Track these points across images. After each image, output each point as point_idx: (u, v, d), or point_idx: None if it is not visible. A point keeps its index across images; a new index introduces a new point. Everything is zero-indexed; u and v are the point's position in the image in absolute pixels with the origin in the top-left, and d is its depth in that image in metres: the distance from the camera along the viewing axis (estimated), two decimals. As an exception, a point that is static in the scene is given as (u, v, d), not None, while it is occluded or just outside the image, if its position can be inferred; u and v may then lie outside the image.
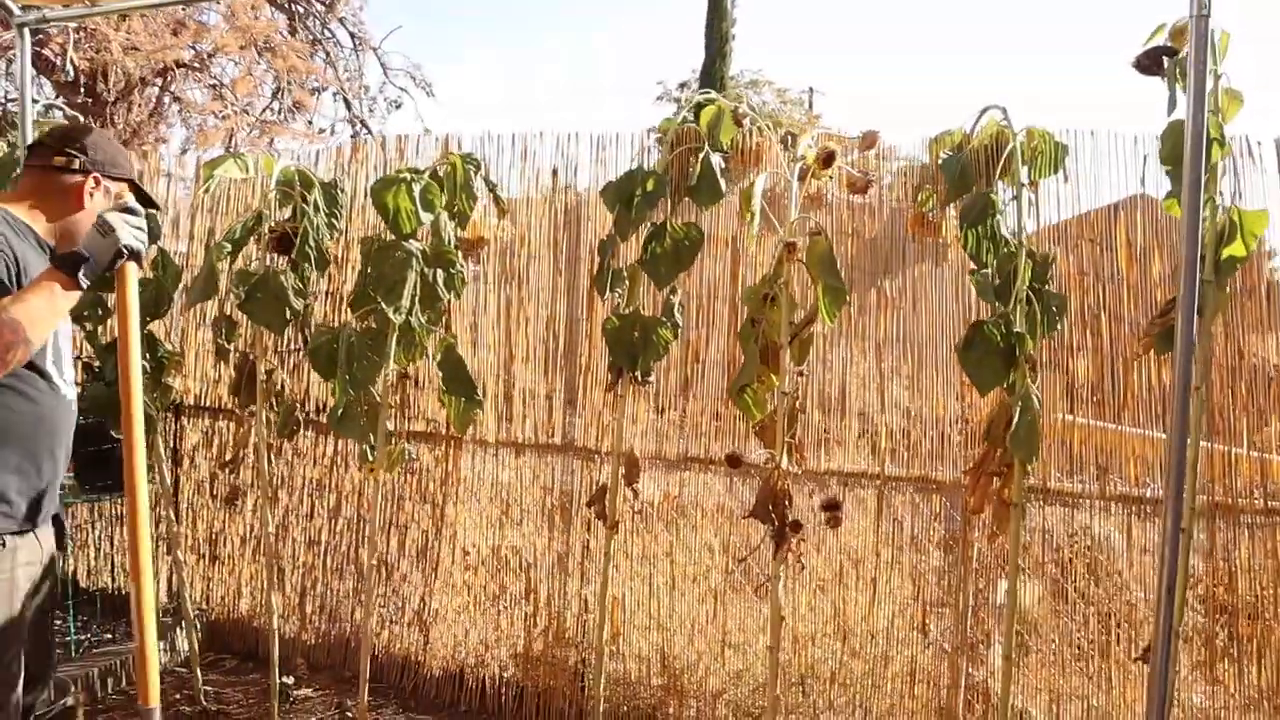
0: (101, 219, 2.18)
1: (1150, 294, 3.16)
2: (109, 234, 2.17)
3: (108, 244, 2.18)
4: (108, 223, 2.18)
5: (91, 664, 4.12)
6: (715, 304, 3.65)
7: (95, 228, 2.18)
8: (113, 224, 2.18)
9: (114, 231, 2.17)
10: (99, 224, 2.18)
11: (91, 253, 2.15)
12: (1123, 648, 3.20)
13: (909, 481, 3.42)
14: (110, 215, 2.19)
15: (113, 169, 2.40)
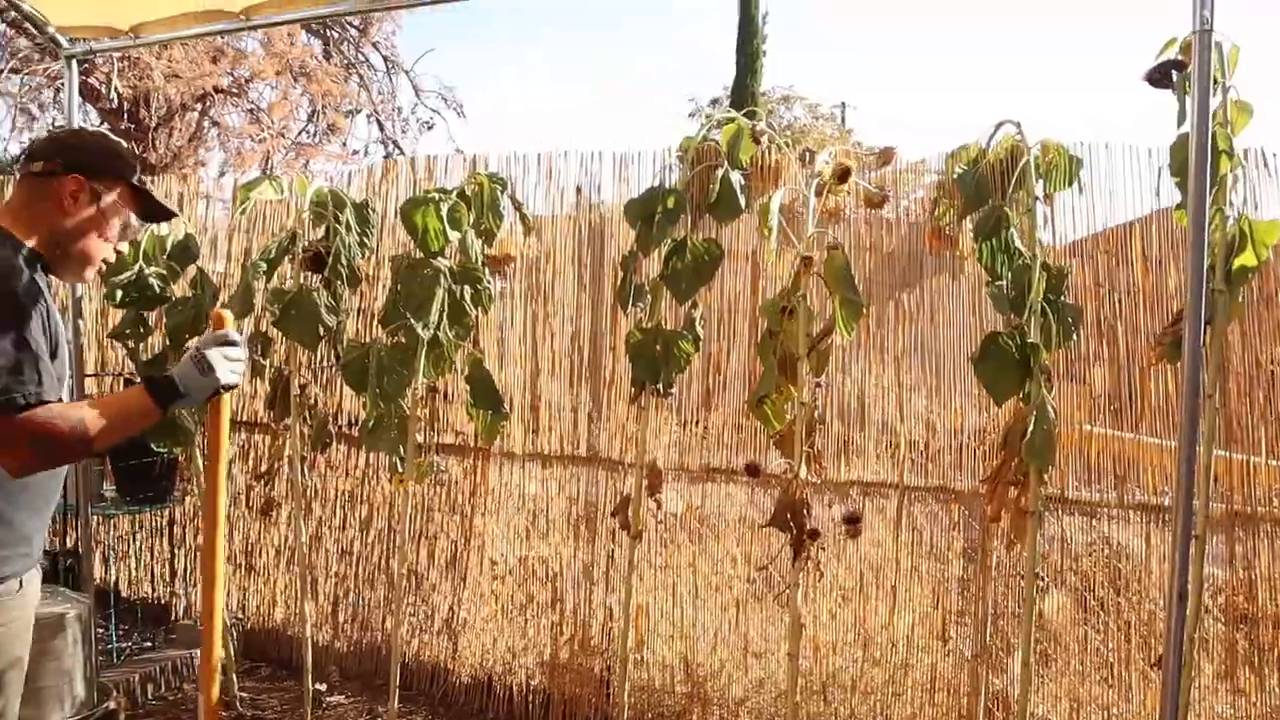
0: (201, 356, 2.09)
1: (1166, 304, 3.19)
2: (208, 373, 2.09)
3: (206, 383, 2.09)
4: (208, 361, 2.09)
5: (132, 670, 4.24)
6: (735, 318, 3.71)
7: (194, 363, 2.09)
8: (212, 363, 2.09)
9: (213, 371, 2.09)
10: (198, 360, 2.09)
11: (188, 390, 2.07)
12: (1143, 656, 3.22)
13: (928, 491, 3.47)
14: (210, 352, 2.10)
15: (99, 169, 2.18)
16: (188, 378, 2.07)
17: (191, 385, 2.07)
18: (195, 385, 2.08)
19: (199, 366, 2.09)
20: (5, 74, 10.90)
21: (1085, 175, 3.05)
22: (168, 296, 3.86)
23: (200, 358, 2.09)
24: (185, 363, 2.09)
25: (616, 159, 3.84)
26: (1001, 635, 3.37)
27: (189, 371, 2.08)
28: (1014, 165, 2.94)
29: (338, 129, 13.04)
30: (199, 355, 2.09)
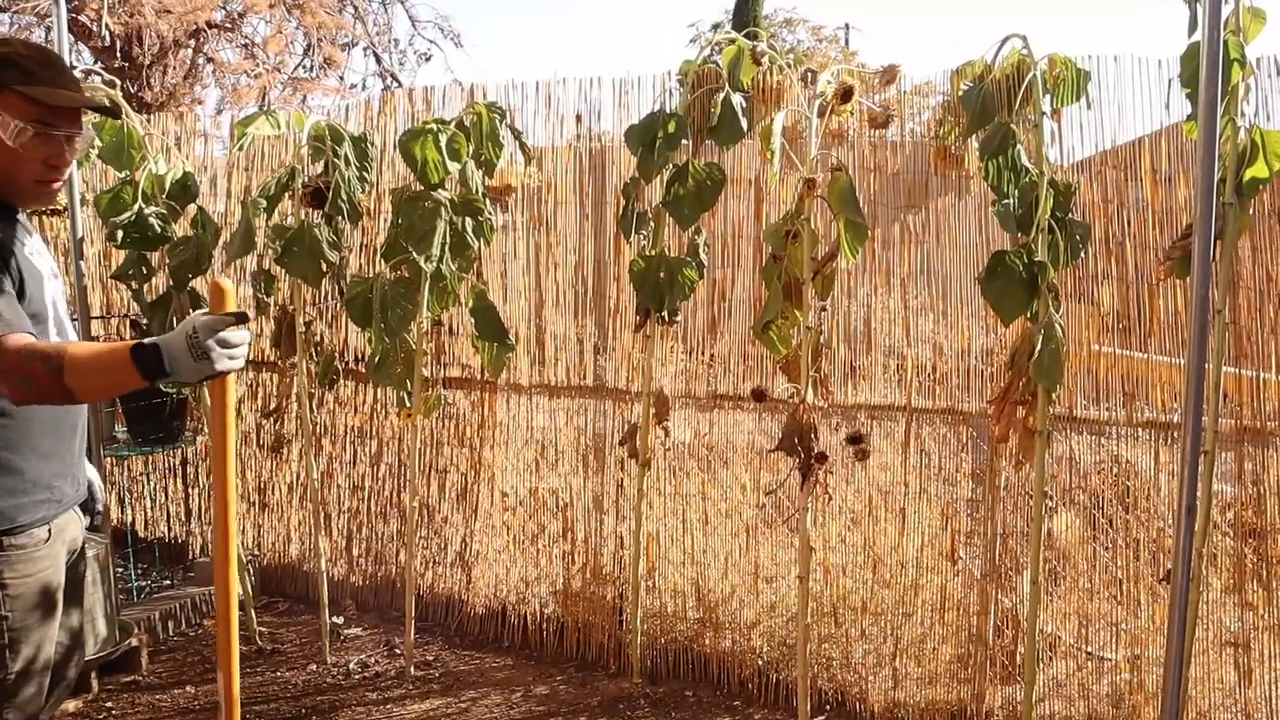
0: (198, 343, 1.90)
1: (1176, 220, 3.15)
2: (201, 360, 1.90)
3: (198, 369, 1.92)
4: (204, 350, 1.90)
5: (153, 608, 4.30)
6: (740, 243, 3.68)
7: (188, 346, 1.90)
8: (209, 351, 1.90)
9: (207, 359, 1.90)
10: (193, 345, 1.90)
11: (176, 371, 1.91)
12: (1152, 572, 3.23)
13: (936, 413, 3.46)
14: (210, 343, 1.90)
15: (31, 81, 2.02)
16: (178, 359, 1.90)
17: (182, 368, 1.91)
18: (186, 369, 1.91)
19: (193, 351, 1.90)
20: (-7, 12, 10.76)
21: (1093, 89, 3.00)
22: (169, 236, 3.82)
23: (195, 342, 1.90)
24: (179, 342, 1.90)
25: (616, 84, 3.78)
26: (1010, 555, 3.39)
27: (180, 354, 1.90)
28: (1020, 80, 2.89)
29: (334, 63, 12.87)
30: (195, 340, 1.90)
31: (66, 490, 2.22)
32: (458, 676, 3.88)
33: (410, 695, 3.74)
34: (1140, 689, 3.19)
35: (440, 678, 3.88)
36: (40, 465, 2.13)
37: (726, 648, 3.75)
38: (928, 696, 3.40)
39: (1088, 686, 3.28)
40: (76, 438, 2.27)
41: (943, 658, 3.45)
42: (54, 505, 2.17)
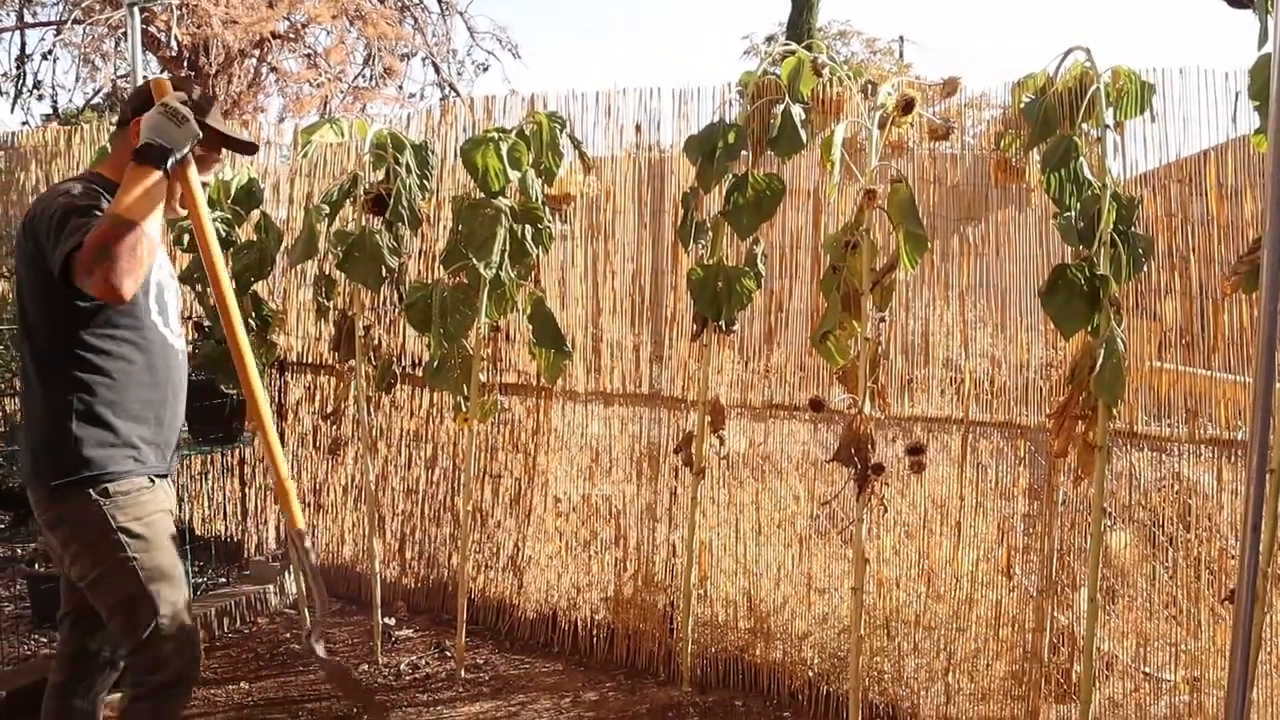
0: (170, 108, 2.22)
1: (1241, 235, 3.10)
2: (184, 123, 2.22)
3: (185, 132, 2.23)
4: (178, 111, 2.22)
5: (208, 605, 4.37)
6: (798, 254, 3.68)
7: (166, 117, 2.21)
8: (179, 112, 2.23)
9: (188, 121, 2.23)
10: (168, 112, 2.21)
11: (172, 142, 2.21)
12: (1213, 592, 3.18)
13: (994, 426, 3.43)
14: (176, 106, 2.23)
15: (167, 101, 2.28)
16: (165, 131, 2.20)
17: (176, 136, 2.20)
18: (177, 135, 2.21)
19: (172, 118, 2.21)
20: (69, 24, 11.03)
21: (1158, 102, 2.97)
22: (233, 241, 3.92)
23: (170, 109, 2.21)
24: (156, 123, 2.20)
25: (676, 95, 3.81)
26: (1068, 571, 3.34)
27: (162, 123, 2.20)
28: (1083, 93, 2.87)
29: (394, 72, 13.04)
30: (168, 108, 2.21)
31: (150, 457, 2.39)
32: (507, 680, 3.91)
33: (460, 697, 3.77)
34: (1199, 711, 3.13)
35: (490, 681, 3.91)
36: (129, 426, 2.34)
37: (777, 658, 3.74)
38: (980, 713, 3.36)
39: (1145, 708, 3.23)
40: (167, 412, 2.45)
41: (996, 674, 3.41)
42: (140, 465, 2.36)
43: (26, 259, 2.28)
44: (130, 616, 2.31)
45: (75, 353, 2.28)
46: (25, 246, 2.27)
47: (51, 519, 2.33)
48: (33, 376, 2.32)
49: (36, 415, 2.33)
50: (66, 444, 2.27)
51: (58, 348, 2.28)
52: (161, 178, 2.20)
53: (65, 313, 2.26)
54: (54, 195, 2.26)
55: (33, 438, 2.34)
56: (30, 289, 2.30)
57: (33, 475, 2.33)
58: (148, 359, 2.38)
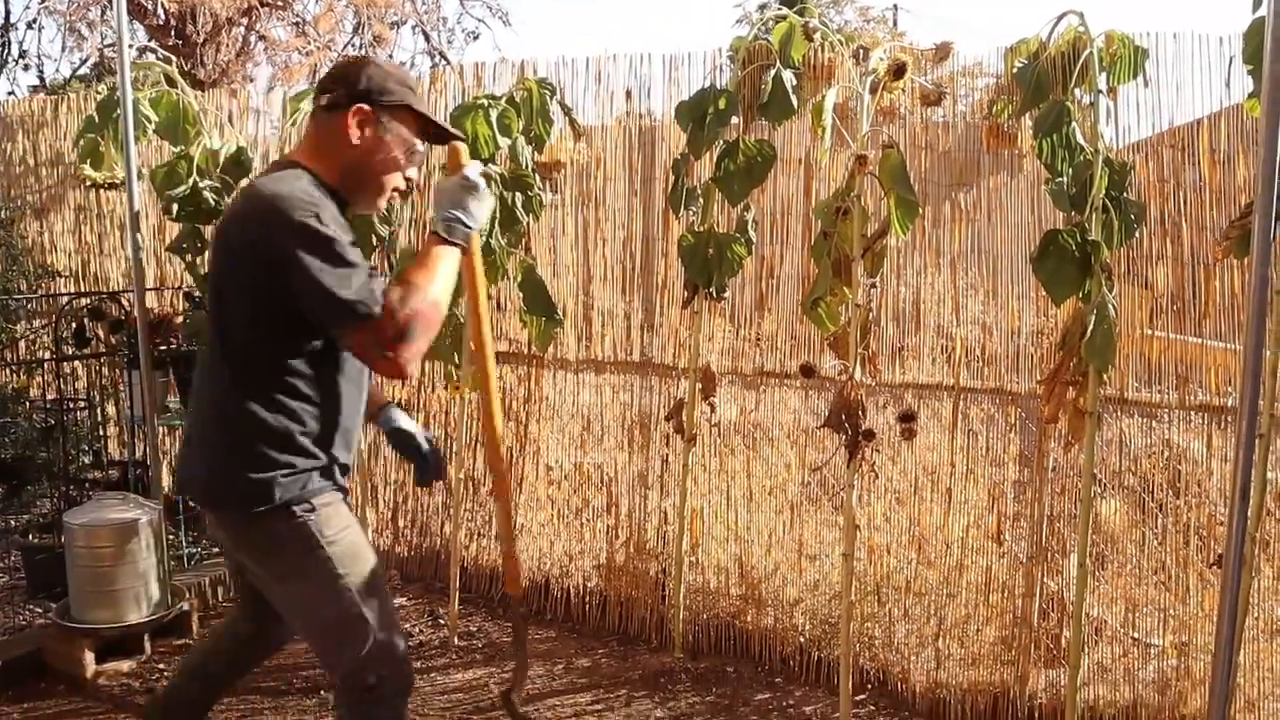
0: (470, 180, 2.12)
1: (1233, 201, 3.09)
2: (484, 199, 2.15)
3: (481, 204, 2.14)
4: (476, 184, 2.12)
5: (203, 574, 4.37)
6: (789, 221, 3.67)
7: (464, 190, 2.11)
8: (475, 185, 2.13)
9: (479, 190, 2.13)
10: (467, 185, 2.12)
11: (475, 220, 2.12)
12: (1202, 558, 3.19)
13: (984, 393, 3.44)
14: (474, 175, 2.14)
15: (382, 96, 2.13)
16: (468, 208, 2.10)
17: (476, 211, 2.12)
18: (478, 209, 2.13)
19: (471, 193, 2.11)
20: (54, -8, 10.94)
21: (1151, 67, 2.94)
22: (222, 210, 3.89)
23: (469, 182, 2.11)
24: (458, 195, 2.10)
25: (666, 61, 3.78)
26: (1058, 537, 3.36)
27: (466, 201, 2.10)
28: (1076, 58, 2.84)
29: (383, 40, 12.93)
30: (467, 181, 2.11)
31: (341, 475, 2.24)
32: (500, 648, 3.93)
33: (453, 665, 3.79)
34: (1187, 675, 3.16)
35: (483, 648, 3.93)
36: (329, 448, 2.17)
37: (769, 625, 3.76)
38: (970, 678, 3.39)
39: (1133, 672, 3.25)
40: (357, 430, 2.31)
41: (986, 639, 3.43)
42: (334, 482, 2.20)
43: (240, 280, 2.05)
44: (343, 636, 2.16)
45: (286, 379, 2.09)
46: (240, 265, 2.05)
47: (248, 542, 2.19)
48: (228, 396, 2.12)
49: (232, 435, 2.12)
50: (269, 467, 2.09)
51: (267, 372, 2.09)
52: (458, 253, 2.10)
53: (287, 343, 2.08)
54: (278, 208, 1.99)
55: (224, 458, 2.13)
56: (243, 311, 2.07)
57: (224, 497, 2.16)
58: (350, 382, 2.21)
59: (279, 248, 1.95)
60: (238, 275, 2.05)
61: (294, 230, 1.94)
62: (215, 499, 2.20)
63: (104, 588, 3.68)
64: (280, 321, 2.03)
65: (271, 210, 1.98)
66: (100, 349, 4.83)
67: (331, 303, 1.92)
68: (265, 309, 2.03)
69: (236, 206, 2.14)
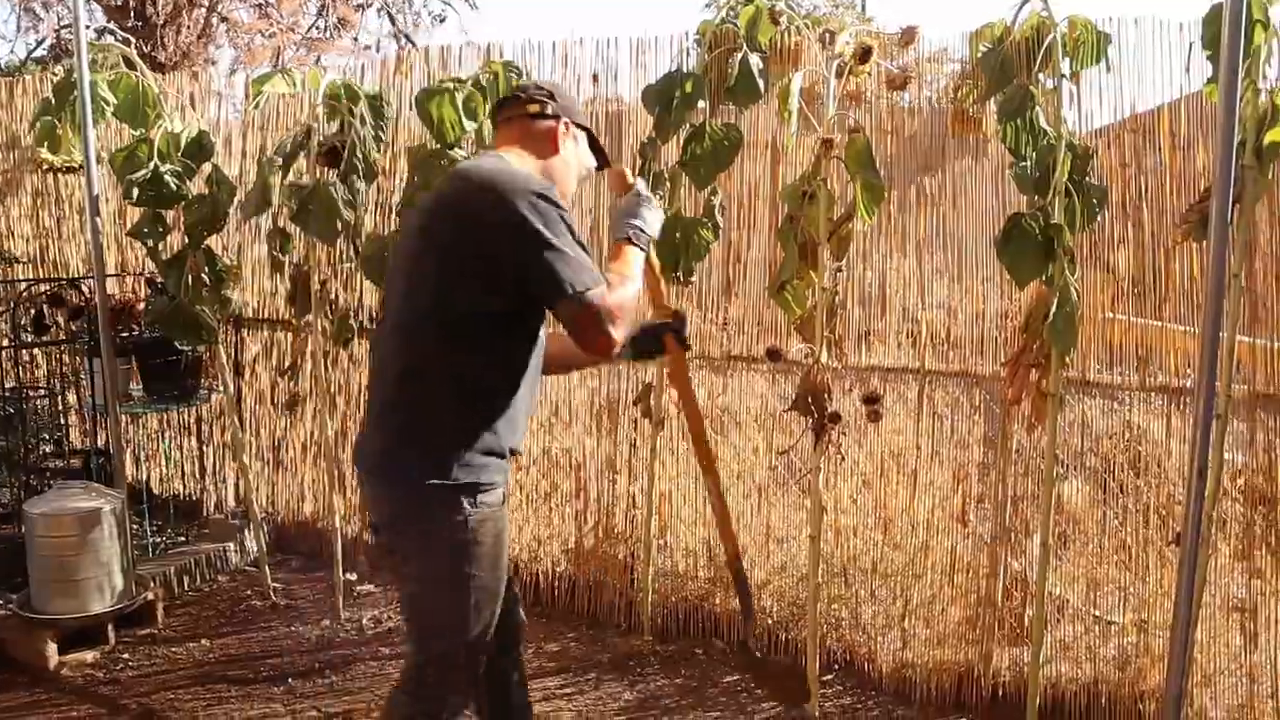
0: (642, 195, 2.34)
1: (1194, 186, 3.13)
2: (655, 209, 2.36)
3: (658, 218, 2.36)
4: (648, 198, 2.35)
5: (168, 563, 4.34)
6: (756, 204, 3.68)
7: (640, 203, 2.32)
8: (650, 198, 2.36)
9: (656, 207, 2.36)
10: (641, 199, 2.34)
11: (650, 228, 2.33)
12: (1162, 537, 3.24)
13: (950, 376, 3.47)
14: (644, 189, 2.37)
15: (576, 117, 2.41)
16: (644, 215, 2.31)
17: (650, 218, 2.32)
18: (652, 217, 2.33)
19: (645, 205, 2.33)
20: (8, -27, 10.72)
21: (1113, 52, 2.97)
22: (184, 194, 3.84)
23: (645, 198, 2.34)
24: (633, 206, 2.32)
25: (633, 45, 3.77)
26: (1021, 518, 3.40)
27: (640, 210, 2.32)
28: (1039, 43, 2.86)
29: (348, 23, 12.79)
30: (638, 196, 2.34)
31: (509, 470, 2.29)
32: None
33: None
34: (1146, 652, 3.22)
35: (454, 633, 3.92)
36: (508, 436, 2.20)
37: (737, 607, 3.78)
38: (936, 657, 3.43)
39: (1094, 649, 3.31)
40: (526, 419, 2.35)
41: (951, 619, 3.48)
42: (504, 478, 2.22)
43: (462, 254, 2.09)
44: (446, 628, 2.20)
45: (486, 360, 2.15)
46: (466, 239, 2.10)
47: (405, 518, 2.20)
48: (422, 372, 2.14)
49: (417, 411, 2.16)
50: (450, 445, 2.11)
51: (470, 351, 2.13)
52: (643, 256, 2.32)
53: (497, 322, 2.14)
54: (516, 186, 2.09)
55: (410, 433, 2.16)
56: (457, 286, 2.11)
57: (400, 471, 2.16)
58: (534, 373, 2.27)
59: (514, 223, 2.04)
60: (460, 250, 2.10)
61: (531, 208, 2.04)
62: (390, 473, 2.20)
63: (66, 577, 3.64)
64: (496, 298, 2.10)
65: (509, 188, 2.08)
66: (60, 336, 4.76)
67: (561, 281, 2.03)
68: (485, 284, 2.09)
69: (459, 185, 2.20)
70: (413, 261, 2.19)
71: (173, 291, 3.89)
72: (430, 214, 2.22)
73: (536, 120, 2.33)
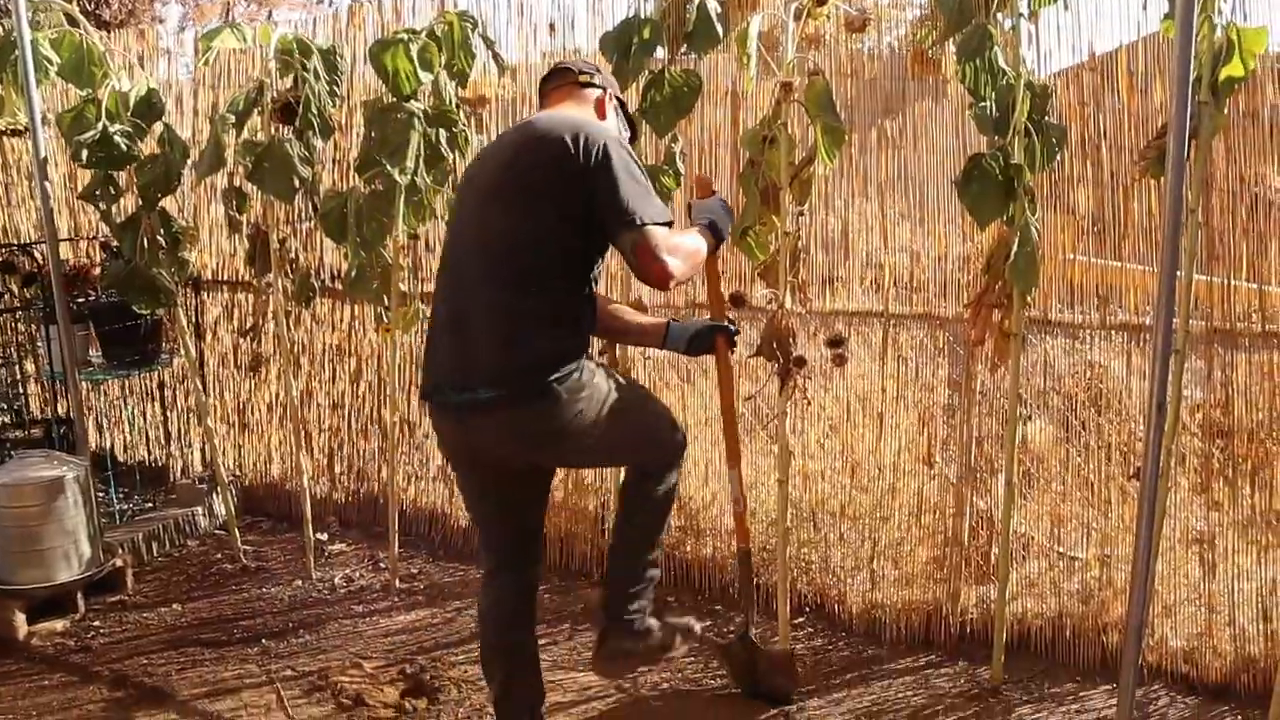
0: (727, 205, 2.76)
1: (1152, 123, 3.14)
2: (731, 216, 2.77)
3: (730, 222, 2.76)
4: (730, 209, 2.79)
5: (136, 529, 4.31)
6: (717, 151, 3.66)
7: (724, 210, 2.73)
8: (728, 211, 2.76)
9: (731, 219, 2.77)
10: (726, 208, 2.75)
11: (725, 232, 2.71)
12: (1122, 473, 3.30)
13: (913, 319, 3.49)
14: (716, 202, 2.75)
15: (618, 90, 2.76)
16: (725, 219, 2.71)
17: (726, 223, 2.72)
18: (728, 223, 2.73)
19: (728, 213, 2.75)
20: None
21: (1072, -10, 2.97)
22: (136, 155, 3.75)
23: (724, 204, 2.75)
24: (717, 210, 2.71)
25: (590, -9, 3.71)
26: (986, 458, 3.44)
27: (722, 214, 2.71)
28: (999, -18, 2.85)
29: (300, -24, 12.56)
30: (723, 204, 2.75)
31: None
32: (442, 588, 3.94)
33: (396, 607, 3.80)
34: (1109, 585, 3.28)
35: (425, 590, 3.94)
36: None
37: (707, 554, 3.82)
38: (904, 597, 3.48)
39: (1059, 584, 3.36)
40: None
41: (919, 559, 3.52)
42: None
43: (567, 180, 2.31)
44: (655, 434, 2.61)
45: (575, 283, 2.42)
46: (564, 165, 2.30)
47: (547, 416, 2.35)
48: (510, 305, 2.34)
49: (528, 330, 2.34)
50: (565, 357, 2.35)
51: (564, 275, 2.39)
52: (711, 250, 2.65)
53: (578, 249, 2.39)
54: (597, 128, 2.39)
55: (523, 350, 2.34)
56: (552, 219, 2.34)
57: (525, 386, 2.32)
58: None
59: (601, 159, 2.29)
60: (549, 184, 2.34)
61: (610, 146, 2.32)
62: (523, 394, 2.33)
63: (31, 547, 3.61)
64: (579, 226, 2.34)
65: (596, 130, 2.37)
66: (14, 304, 4.68)
67: (633, 211, 2.27)
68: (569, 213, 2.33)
69: (545, 126, 2.40)
70: (502, 194, 2.40)
71: (128, 255, 3.82)
72: (516, 153, 2.42)
73: (585, 89, 2.62)
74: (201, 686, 3.22)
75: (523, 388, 2.32)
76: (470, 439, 2.45)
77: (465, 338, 2.38)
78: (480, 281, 2.37)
